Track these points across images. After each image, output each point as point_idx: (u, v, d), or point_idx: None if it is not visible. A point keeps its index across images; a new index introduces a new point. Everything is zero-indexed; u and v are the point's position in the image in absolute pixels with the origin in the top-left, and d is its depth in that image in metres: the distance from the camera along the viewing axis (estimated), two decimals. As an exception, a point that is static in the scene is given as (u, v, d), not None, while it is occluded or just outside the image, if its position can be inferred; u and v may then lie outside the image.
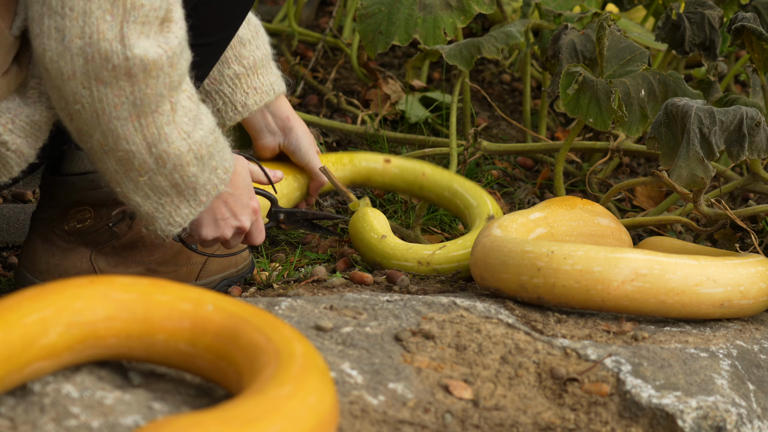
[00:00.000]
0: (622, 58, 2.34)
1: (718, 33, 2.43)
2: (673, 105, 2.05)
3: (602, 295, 1.87)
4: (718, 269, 1.91)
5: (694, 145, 1.97)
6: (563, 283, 1.87)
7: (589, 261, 1.87)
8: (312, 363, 1.40)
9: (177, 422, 1.22)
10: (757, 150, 2.04)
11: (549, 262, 1.88)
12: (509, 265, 1.90)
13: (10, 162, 1.71)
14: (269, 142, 2.26)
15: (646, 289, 1.88)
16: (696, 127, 1.98)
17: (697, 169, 1.98)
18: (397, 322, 1.79)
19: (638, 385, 1.72)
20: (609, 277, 1.87)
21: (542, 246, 1.90)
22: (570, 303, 1.89)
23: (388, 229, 2.22)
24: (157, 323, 1.46)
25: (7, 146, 1.70)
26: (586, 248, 1.89)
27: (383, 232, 2.20)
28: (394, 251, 2.17)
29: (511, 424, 1.63)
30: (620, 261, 1.87)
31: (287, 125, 2.25)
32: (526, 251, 1.90)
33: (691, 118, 1.99)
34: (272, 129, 2.25)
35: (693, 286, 1.89)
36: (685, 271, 1.89)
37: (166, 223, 1.76)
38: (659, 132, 2.08)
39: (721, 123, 1.99)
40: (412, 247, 2.16)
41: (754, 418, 1.75)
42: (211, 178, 1.76)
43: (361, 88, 2.98)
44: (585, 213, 2.12)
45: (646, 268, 1.88)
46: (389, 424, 1.54)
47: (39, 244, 1.97)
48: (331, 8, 3.39)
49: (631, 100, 2.27)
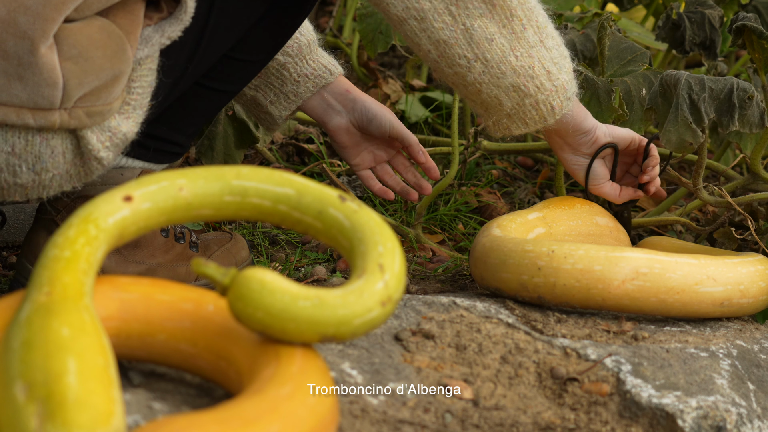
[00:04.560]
0: (623, 58, 2.34)
1: (718, 32, 2.43)
2: (668, 75, 2.06)
3: (603, 294, 1.87)
4: (718, 268, 1.91)
5: (683, 110, 1.98)
6: (564, 282, 1.87)
7: (590, 260, 1.87)
8: (312, 363, 1.40)
9: (177, 422, 1.22)
10: (748, 124, 2.04)
11: (549, 262, 1.88)
12: (509, 265, 1.90)
13: (94, 172, 1.74)
14: (339, 122, 2.14)
15: (647, 288, 1.88)
16: (685, 93, 1.99)
17: (686, 133, 1.99)
18: (397, 321, 1.79)
19: (638, 385, 1.72)
20: (609, 276, 1.87)
21: (542, 245, 1.89)
22: (571, 302, 1.89)
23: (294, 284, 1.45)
24: (158, 323, 1.46)
25: (101, 161, 1.72)
26: (587, 247, 1.89)
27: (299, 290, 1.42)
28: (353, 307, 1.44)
29: (511, 424, 1.63)
30: (621, 260, 1.87)
31: (349, 97, 2.14)
32: (526, 250, 1.90)
33: (681, 83, 2.00)
34: (335, 107, 2.14)
35: (693, 285, 1.89)
36: (685, 270, 1.89)
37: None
38: (656, 103, 2.09)
39: (710, 90, 2.00)
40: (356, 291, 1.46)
41: (754, 418, 1.75)
42: None
43: (362, 87, 2.98)
44: (583, 213, 2.12)
45: (646, 267, 1.88)
46: (389, 424, 1.54)
47: (43, 236, 1.97)
48: (331, 8, 3.39)
49: (632, 98, 2.28)
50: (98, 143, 1.70)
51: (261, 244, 2.34)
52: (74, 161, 1.71)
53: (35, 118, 1.64)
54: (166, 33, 1.71)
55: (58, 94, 1.63)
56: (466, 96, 1.94)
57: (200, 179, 1.48)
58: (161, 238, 2.03)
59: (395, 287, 1.44)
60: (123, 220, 1.42)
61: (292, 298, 1.38)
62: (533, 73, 1.89)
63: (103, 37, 1.65)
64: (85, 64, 1.64)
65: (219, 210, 1.50)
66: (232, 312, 1.39)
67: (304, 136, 2.79)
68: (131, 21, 1.68)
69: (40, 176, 1.69)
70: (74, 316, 1.26)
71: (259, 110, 2.15)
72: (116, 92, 1.69)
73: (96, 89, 1.66)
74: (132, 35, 1.68)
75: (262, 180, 1.50)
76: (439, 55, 1.86)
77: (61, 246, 1.35)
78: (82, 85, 1.64)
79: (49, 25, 1.60)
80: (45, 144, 1.67)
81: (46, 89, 1.62)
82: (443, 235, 2.43)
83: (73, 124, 1.66)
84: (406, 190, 2.21)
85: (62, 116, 1.65)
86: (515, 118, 1.95)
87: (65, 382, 1.18)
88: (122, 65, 1.68)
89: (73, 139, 1.69)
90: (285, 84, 2.12)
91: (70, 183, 1.73)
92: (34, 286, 1.30)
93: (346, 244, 1.49)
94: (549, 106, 1.94)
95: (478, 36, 1.84)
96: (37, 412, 1.16)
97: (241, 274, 1.39)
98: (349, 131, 2.16)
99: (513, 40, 1.86)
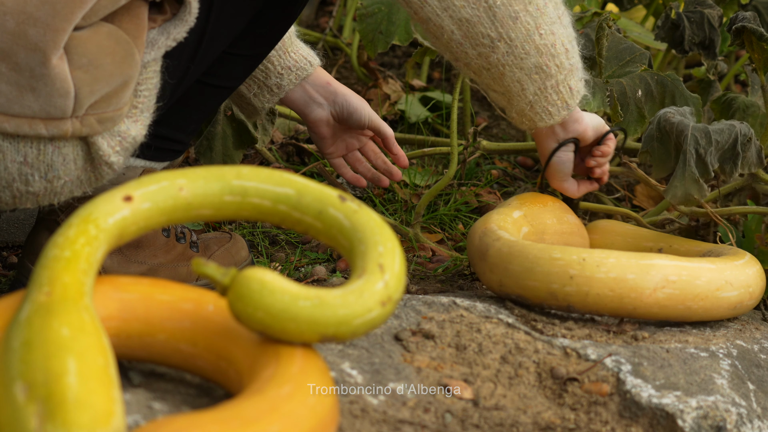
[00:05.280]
0: (622, 59, 2.34)
1: (717, 32, 2.43)
2: (667, 121, 2.04)
3: (635, 303, 1.84)
4: (732, 272, 1.90)
5: (690, 166, 1.97)
6: (597, 291, 1.84)
7: (623, 268, 1.84)
8: (312, 363, 1.40)
9: (176, 422, 1.21)
10: (748, 164, 2.04)
11: (582, 270, 1.84)
12: (537, 273, 1.86)
13: (104, 176, 1.74)
14: (319, 114, 2.16)
15: (675, 295, 1.86)
16: (693, 148, 1.97)
17: (692, 188, 1.98)
18: (397, 321, 1.79)
19: (638, 385, 1.72)
20: (642, 284, 1.84)
21: (572, 253, 1.85)
22: (601, 311, 1.86)
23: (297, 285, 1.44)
24: (158, 323, 1.46)
25: (111, 166, 1.73)
26: (616, 255, 1.85)
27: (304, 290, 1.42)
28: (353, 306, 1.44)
29: (511, 424, 1.63)
30: (651, 268, 1.84)
31: (329, 90, 2.15)
32: (554, 258, 1.85)
33: (688, 138, 1.98)
34: (317, 99, 2.15)
35: (715, 291, 1.88)
36: (707, 276, 1.87)
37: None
38: (651, 146, 2.07)
39: (716, 143, 1.99)
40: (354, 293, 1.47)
41: (754, 418, 1.75)
42: None
43: (361, 87, 2.98)
44: (556, 210, 2.10)
45: (675, 274, 1.85)
46: (389, 424, 1.54)
47: (45, 236, 1.97)
48: (331, 8, 3.39)
49: (628, 100, 2.27)
50: (109, 148, 1.71)
51: (261, 244, 2.34)
52: (85, 167, 1.71)
53: (48, 128, 1.64)
54: (171, 35, 1.71)
55: (69, 103, 1.63)
56: (489, 86, 1.91)
57: (200, 179, 1.48)
58: (162, 238, 2.03)
59: (395, 287, 1.44)
60: (123, 220, 1.42)
61: (292, 298, 1.38)
62: (555, 52, 1.87)
63: (112, 44, 1.65)
64: (96, 72, 1.64)
65: (219, 210, 1.50)
66: (232, 312, 1.39)
67: (303, 135, 2.79)
68: (136, 25, 1.68)
69: (51, 184, 1.70)
70: (74, 316, 1.26)
71: (241, 101, 2.16)
72: (126, 97, 1.69)
73: (106, 96, 1.66)
74: (139, 39, 1.68)
75: (262, 180, 1.50)
76: (463, 35, 1.83)
77: (61, 246, 1.35)
78: (93, 92, 1.65)
79: (59, 36, 1.60)
80: (57, 152, 1.67)
81: (58, 99, 1.62)
82: (442, 235, 2.43)
83: (84, 132, 1.67)
84: (378, 176, 2.23)
85: (74, 125, 1.65)
86: (537, 107, 1.93)
87: (65, 382, 1.18)
88: (131, 70, 1.68)
89: (84, 145, 1.69)
90: (269, 77, 2.12)
91: (81, 188, 1.73)
92: (34, 286, 1.30)
93: (346, 244, 1.49)
94: (567, 87, 1.92)
95: (501, 14, 1.81)
96: (37, 412, 1.16)
97: (241, 274, 1.39)
98: (329, 123, 2.17)
99: (538, 16, 1.84)
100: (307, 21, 3.36)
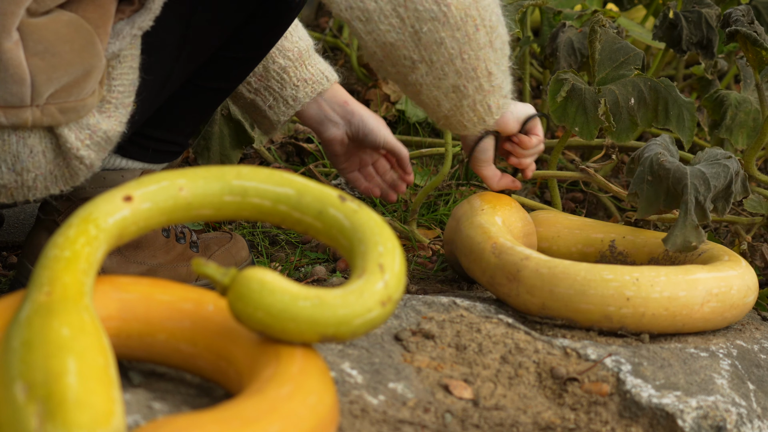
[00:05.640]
0: (616, 60, 2.31)
1: (715, 31, 2.43)
2: (661, 166, 1.99)
3: (685, 320, 1.82)
4: (749, 276, 1.89)
5: (691, 214, 1.95)
6: (653, 311, 1.80)
7: (674, 286, 1.81)
8: (312, 363, 1.40)
9: (176, 422, 1.21)
10: (735, 197, 2.03)
11: (638, 291, 1.79)
12: (591, 296, 1.80)
13: (79, 174, 1.73)
14: (335, 133, 2.14)
15: (717, 308, 1.85)
16: (692, 197, 1.95)
17: (691, 236, 1.96)
18: (397, 321, 1.79)
19: (638, 385, 1.72)
20: (692, 300, 1.82)
21: (623, 273, 1.80)
22: (652, 330, 1.83)
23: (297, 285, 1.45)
24: (158, 323, 1.46)
25: (82, 160, 1.71)
26: (664, 272, 1.82)
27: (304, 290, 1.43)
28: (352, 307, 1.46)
29: (511, 424, 1.63)
30: (698, 283, 1.82)
31: (347, 110, 2.13)
32: (606, 279, 1.80)
33: (688, 188, 1.95)
34: (333, 118, 2.13)
35: (744, 299, 1.88)
36: (737, 284, 1.86)
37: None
38: (641, 188, 2.01)
39: (714, 188, 1.98)
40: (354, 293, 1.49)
41: (754, 418, 1.75)
42: None
43: (361, 87, 2.98)
44: (519, 211, 2.05)
45: (716, 287, 1.83)
46: (389, 424, 1.54)
47: (44, 237, 1.97)
48: (331, 8, 3.39)
49: (620, 108, 2.24)
50: (77, 141, 1.69)
51: (261, 244, 2.34)
52: (56, 161, 1.70)
53: (7, 116, 1.63)
54: (136, 24, 1.70)
55: (26, 90, 1.62)
56: (404, 93, 1.91)
57: (200, 179, 1.48)
58: (162, 238, 2.03)
59: (395, 287, 1.44)
60: (123, 220, 1.42)
61: (292, 298, 1.38)
62: (475, 75, 1.86)
63: (71, 32, 1.64)
64: (53, 60, 1.63)
65: (219, 210, 1.50)
66: (232, 312, 1.39)
67: (303, 135, 2.79)
68: (101, 15, 1.66)
69: (21, 176, 1.69)
70: (74, 316, 1.26)
71: (257, 114, 2.15)
72: (89, 88, 1.68)
73: (67, 85, 1.65)
74: (102, 29, 1.67)
75: (262, 180, 1.50)
76: (385, 56, 1.81)
77: (61, 246, 1.35)
78: (51, 80, 1.63)
79: (9, 20, 1.59)
80: (22, 143, 1.67)
81: (13, 86, 1.61)
82: (439, 231, 2.43)
83: (46, 122, 1.65)
84: (386, 192, 2.24)
85: (34, 113, 1.64)
86: (453, 120, 1.92)
87: (65, 382, 1.18)
88: (92, 59, 1.66)
89: (52, 137, 1.68)
90: (285, 88, 2.11)
91: (56, 185, 1.72)
92: (34, 286, 1.30)
93: (346, 244, 1.49)
94: (486, 105, 1.91)
95: (426, 39, 1.79)
96: (37, 412, 1.16)
97: (241, 274, 1.39)
98: (343, 143, 2.15)
99: (465, 42, 1.82)
100: (307, 21, 3.36)
